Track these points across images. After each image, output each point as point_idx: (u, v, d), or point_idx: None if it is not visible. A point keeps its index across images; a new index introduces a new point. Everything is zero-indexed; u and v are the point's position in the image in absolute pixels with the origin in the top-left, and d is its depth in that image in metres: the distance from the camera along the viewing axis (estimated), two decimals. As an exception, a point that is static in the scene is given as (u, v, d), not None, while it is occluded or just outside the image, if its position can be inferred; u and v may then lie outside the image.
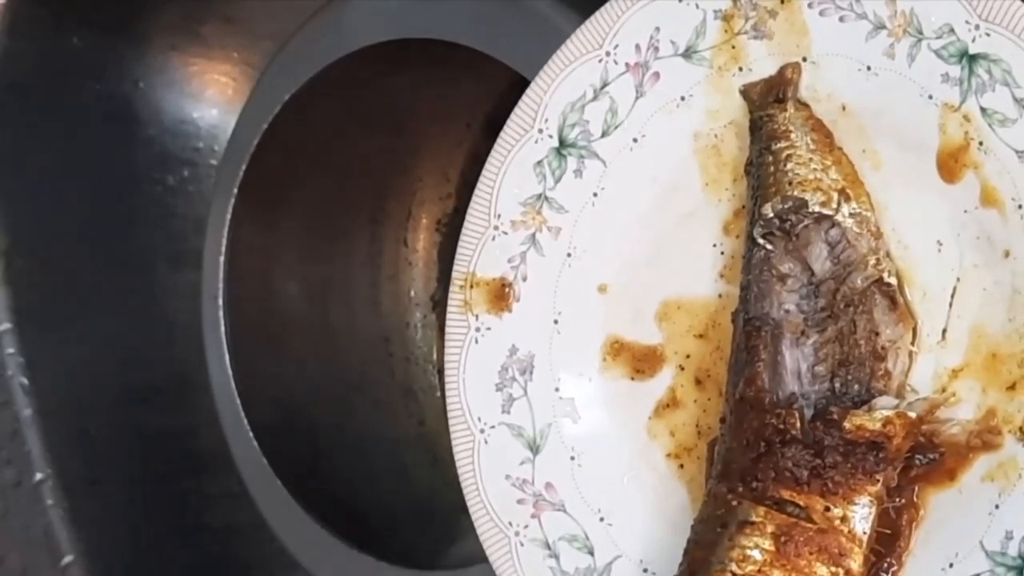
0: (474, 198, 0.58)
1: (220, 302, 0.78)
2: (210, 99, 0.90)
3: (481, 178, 0.58)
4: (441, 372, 0.88)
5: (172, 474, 0.86)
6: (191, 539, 0.86)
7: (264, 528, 0.76)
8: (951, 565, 0.46)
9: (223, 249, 0.77)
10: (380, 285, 0.87)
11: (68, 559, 0.81)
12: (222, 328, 0.78)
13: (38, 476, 0.81)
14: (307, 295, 0.84)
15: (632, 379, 0.57)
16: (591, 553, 0.55)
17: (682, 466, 0.55)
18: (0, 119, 0.81)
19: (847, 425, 0.47)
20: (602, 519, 0.55)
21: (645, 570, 0.55)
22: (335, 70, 0.73)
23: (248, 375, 0.78)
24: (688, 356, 0.56)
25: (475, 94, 0.85)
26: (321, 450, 0.81)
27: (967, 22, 0.46)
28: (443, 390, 0.86)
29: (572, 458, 0.57)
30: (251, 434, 0.76)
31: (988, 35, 0.46)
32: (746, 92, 0.53)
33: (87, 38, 0.84)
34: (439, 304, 0.88)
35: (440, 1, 0.67)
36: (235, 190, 0.77)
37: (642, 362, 0.56)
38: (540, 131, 0.56)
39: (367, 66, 0.72)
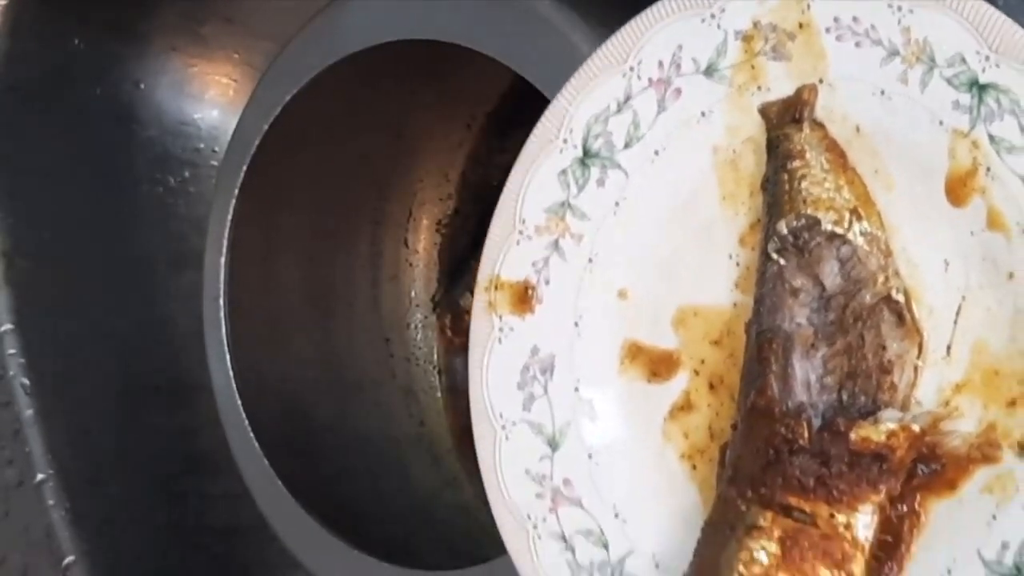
0: (500, 203, 0.59)
1: (221, 302, 0.78)
2: (211, 100, 0.90)
3: (507, 184, 0.59)
4: (441, 373, 0.88)
5: (172, 474, 0.86)
6: (191, 539, 0.86)
7: (265, 528, 0.76)
8: (949, 572, 0.48)
9: (224, 250, 0.77)
10: (381, 285, 0.88)
11: (69, 559, 0.81)
12: (222, 328, 0.78)
13: (39, 476, 0.81)
14: (307, 295, 0.84)
15: (648, 382, 0.58)
16: (606, 547, 0.57)
17: (695, 467, 0.56)
18: (0, 119, 0.81)
19: (853, 436, 0.48)
20: (617, 515, 0.57)
21: (657, 565, 0.56)
22: (336, 71, 0.73)
23: (248, 375, 0.78)
24: (703, 361, 0.56)
25: (475, 94, 0.85)
26: (321, 450, 0.81)
27: (978, 52, 0.48)
28: (443, 389, 0.88)
29: (589, 456, 0.58)
30: (251, 434, 0.76)
31: (998, 66, 0.47)
32: (764, 111, 0.54)
33: (87, 39, 0.84)
34: (440, 304, 0.88)
35: (440, 1, 0.67)
36: (236, 191, 0.77)
37: (658, 365, 0.57)
38: (564, 141, 0.57)
39: (367, 67, 0.72)
